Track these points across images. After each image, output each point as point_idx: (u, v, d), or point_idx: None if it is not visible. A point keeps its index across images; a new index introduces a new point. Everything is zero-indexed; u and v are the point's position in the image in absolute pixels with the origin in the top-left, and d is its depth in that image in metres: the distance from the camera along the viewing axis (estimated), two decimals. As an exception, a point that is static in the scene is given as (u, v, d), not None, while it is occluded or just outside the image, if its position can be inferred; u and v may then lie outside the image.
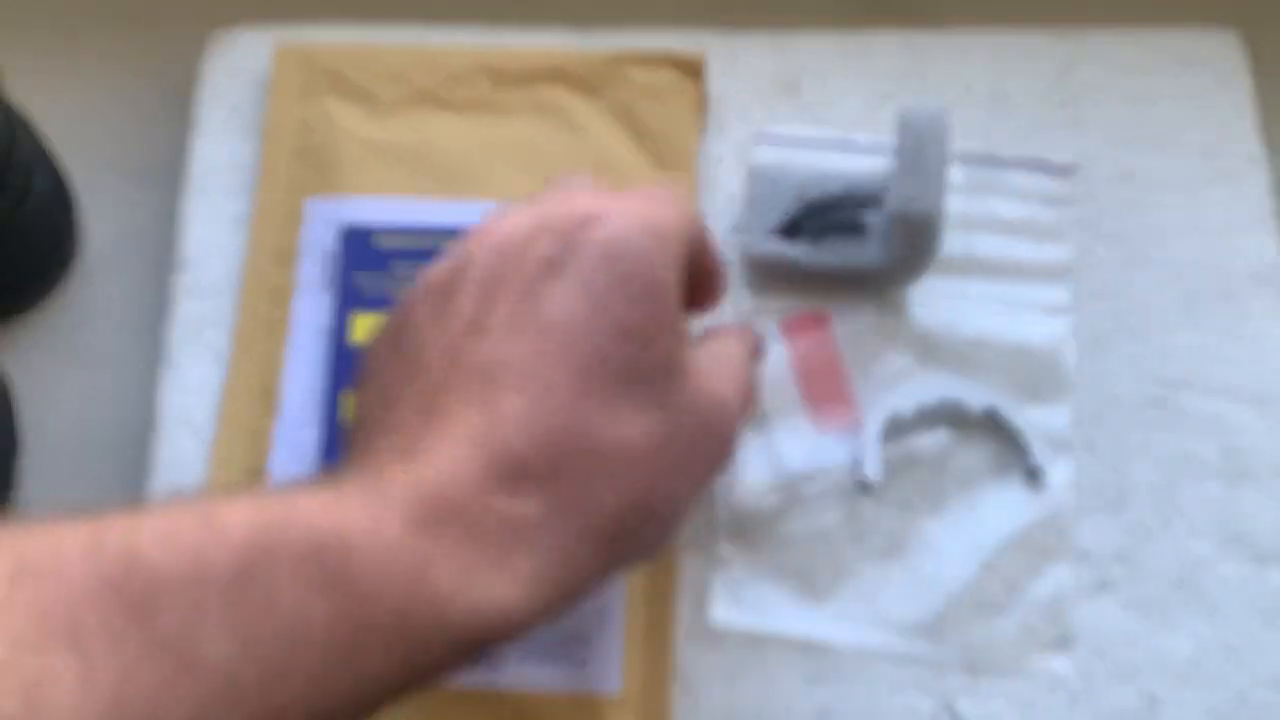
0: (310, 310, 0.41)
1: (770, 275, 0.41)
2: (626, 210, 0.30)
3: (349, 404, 0.39)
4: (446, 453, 0.27)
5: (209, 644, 0.22)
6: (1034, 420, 0.39)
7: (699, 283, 0.33)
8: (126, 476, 0.40)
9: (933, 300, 0.41)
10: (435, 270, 0.31)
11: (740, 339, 0.34)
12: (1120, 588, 0.38)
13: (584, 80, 0.44)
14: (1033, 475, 0.38)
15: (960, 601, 0.37)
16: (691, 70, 0.44)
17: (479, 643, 0.26)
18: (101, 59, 0.47)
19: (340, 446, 0.38)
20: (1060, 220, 0.42)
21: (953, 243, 0.41)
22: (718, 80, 0.45)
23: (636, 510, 0.28)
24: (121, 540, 0.23)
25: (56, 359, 0.43)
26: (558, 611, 0.27)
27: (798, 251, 0.41)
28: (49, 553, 0.22)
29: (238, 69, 0.45)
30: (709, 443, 0.30)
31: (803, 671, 0.37)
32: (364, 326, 0.40)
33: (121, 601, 0.22)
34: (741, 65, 0.45)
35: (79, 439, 0.42)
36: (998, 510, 0.38)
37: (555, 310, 0.28)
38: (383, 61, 0.44)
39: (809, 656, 0.37)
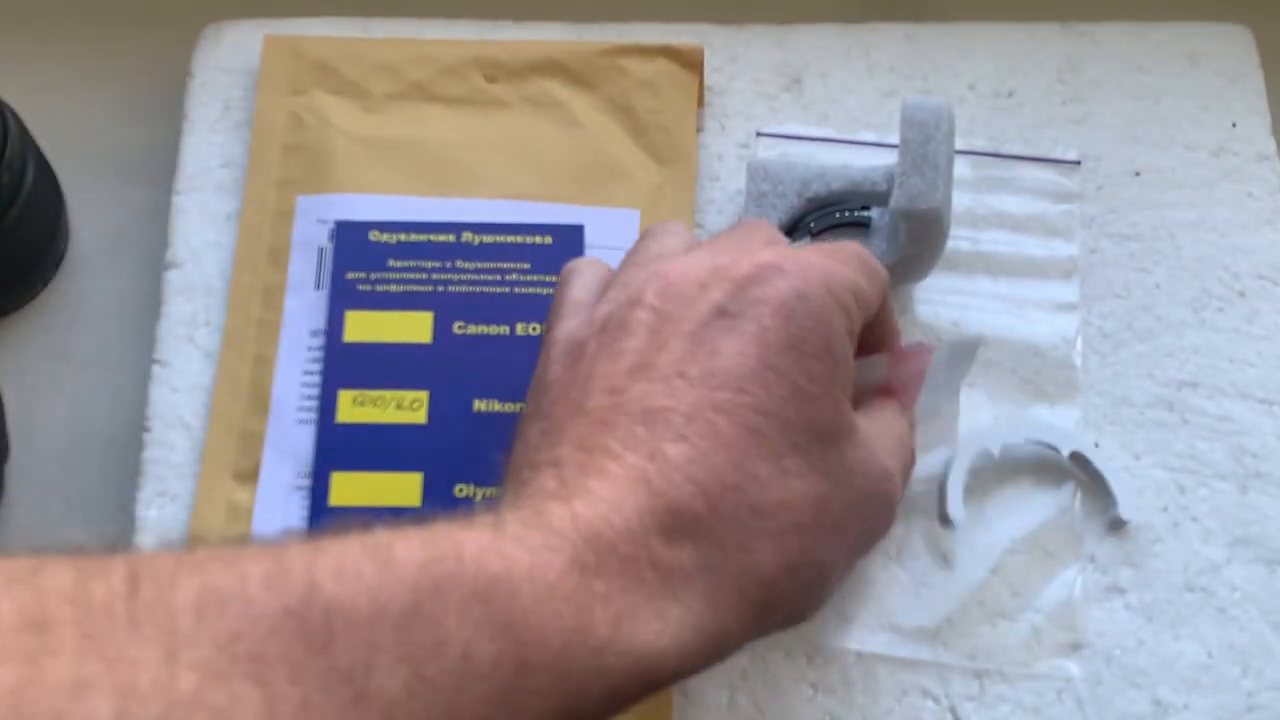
0: (302, 309, 0.40)
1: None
2: (808, 264, 0.29)
3: (346, 404, 0.38)
4: (608, 494, 0.26)
5: (382, 678, 0.22)
6: (1042, 420, 0.39)
7: (879, 338, 0.33)
8: (117, 477, 0.40)
9: (939, 298, 0.41)
10: (603, 305, 0.31)
11: (904, 413, 0.34)
12: (1129, 591, 0.37)
13: (579, 73, 0.43)
14: (1115, 526, 0.38)
15: (968, 606, 0.37)
16: (689, 61, 0.43)
17: (630, 688, 0.26)
18: (90, 56, 0.47)
19: (336, 449, 0.38)
20: (1068, 216, 0.42)
21: (959, 239, 0.41)
22: (719, 76, 0.44)
23: (792, 572, 0.28)
24: (302, 571, 0.23)
25: (46, 359, 0.42)
26: (703, 665, 0.27)
27: (801, 249, 0.40)
28: (233, 581, 0.22)
29: (229, 64, 0.44)
30: (871, 512, 0.30)
31: (806, 677, 0.36)
32: (358, 325, 0.39)
33: (301, 633, 0.22)
34: (742, 61, 0.45)
35: (68, 439, 0.41)
36: (1006, 514, 0.38)
37: (727, 361, 0.28)
38: (374, 55, 0.44)
39: (813, 662, 0.37)
